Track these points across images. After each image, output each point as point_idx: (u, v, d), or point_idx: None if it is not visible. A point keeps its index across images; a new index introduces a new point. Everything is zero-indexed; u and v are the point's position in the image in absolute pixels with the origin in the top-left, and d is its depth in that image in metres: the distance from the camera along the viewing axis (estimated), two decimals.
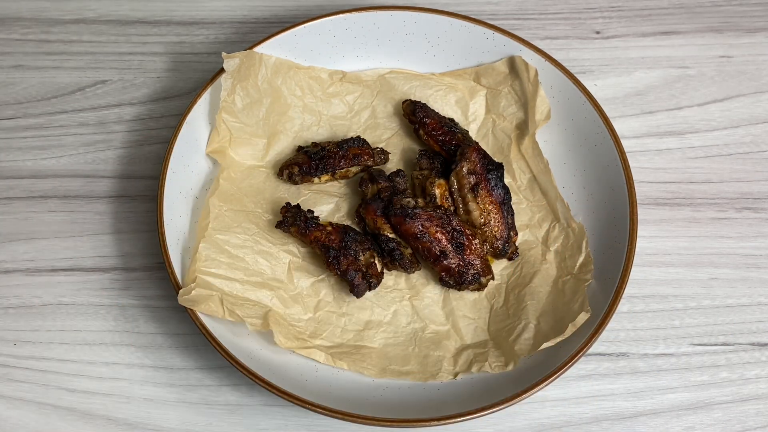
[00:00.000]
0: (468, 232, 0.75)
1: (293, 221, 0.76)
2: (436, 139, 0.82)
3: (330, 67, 0.86)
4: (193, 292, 0.70)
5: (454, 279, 0.75)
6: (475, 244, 0.75)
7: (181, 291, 0.70)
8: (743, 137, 0.89)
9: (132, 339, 0.76)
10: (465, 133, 0.83)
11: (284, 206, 0.78)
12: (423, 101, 0.86)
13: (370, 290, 0.75)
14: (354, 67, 0.87)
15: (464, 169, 0.78)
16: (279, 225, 0.77)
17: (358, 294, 0.74)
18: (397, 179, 0.80)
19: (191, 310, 0.70)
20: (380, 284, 0.76)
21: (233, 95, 0.80)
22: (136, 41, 0.94)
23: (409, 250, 0.76)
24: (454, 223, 0.75)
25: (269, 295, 0.74)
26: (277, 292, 0.75)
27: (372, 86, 0.86)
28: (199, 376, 0.74)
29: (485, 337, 0.75)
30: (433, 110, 0.84)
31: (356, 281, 0.74)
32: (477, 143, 0.82)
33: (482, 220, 0.77)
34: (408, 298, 0.77)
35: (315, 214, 0.79)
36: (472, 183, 0.78)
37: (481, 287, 0.75)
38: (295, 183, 0.81)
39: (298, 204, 0.78)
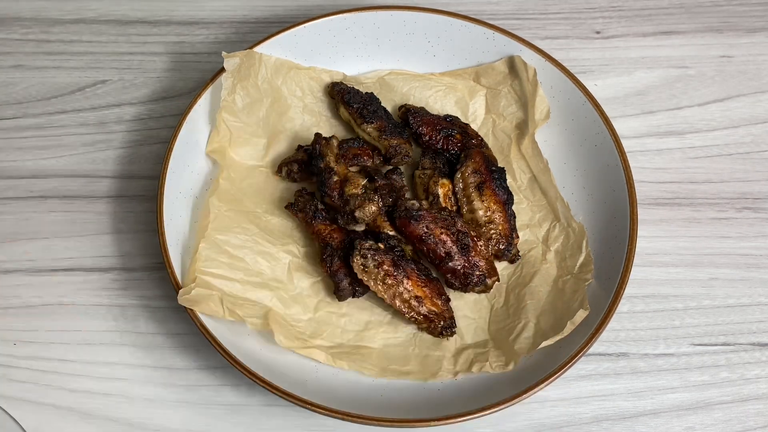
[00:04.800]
0: (473, 233, 0.75)
1: (302, 207, 0.77)
2: (435, 148, 0.82)
3: (330, 67, 0.86)
4: (192, 291, 0.70)
5: (459, 281, 0.75)
6: (480, 246, 0.75)
7: (180, 291, 0.70)
8: (743, 137, 0.89)
9: (132, 339, 0.76)
10: (465, 128, 0.83)
11: (299, 190, 0.78)
12: (422, 102, 0.86)
13: (354, 297, 0.75)
14: (354, 66, 0.87)
15: (469, 169, 0.78)
16: (288, 206, 0.78)
17: (341, 297, 0.74)
18: (394, 177, 0.80)
19: (191, 310, 0.70)
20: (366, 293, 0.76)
21: (233, 95, 0.80)
22: (136, 41, 0.94)
23: (410, 247, 0.76)
24: (459, 225, 0.75)
25: (269, 295, 0.74)
26: (276, 292, 0.75)
27: (371, 88, 0.86)
28: (199, 376, 0.74)
29: (485, 336, 0.75)
30: (428, 115, 0.83)
31: (342, 285, 0.74)
32: (479, 138, 0.82)
33: (486, 219, 0.77)
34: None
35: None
36: (477, 182, 0.78)
37: (486, 289, 0.75)
38: (294, 180, 0.81)
39: (313, 193, 0.78)
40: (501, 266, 0.78)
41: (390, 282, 0.73)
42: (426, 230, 0.75)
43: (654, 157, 0.87)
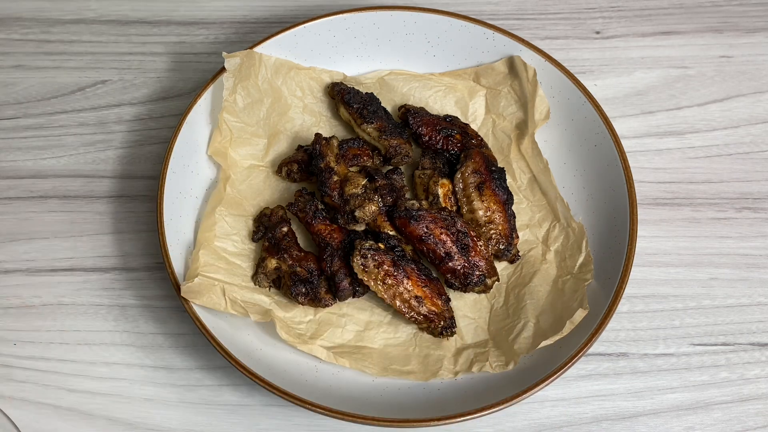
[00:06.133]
0: (473, 233, 0.75)
1: (302, 207, 0.77)
2: (435, 148, 0.82)
3: (330, 68, 0.86)
4: (195, 279, 0.70)
5: (459, 281, 0.75)
6: (480, 246, 0.75)
7: (183, 283, 0.70)
8: (743, 137, 0.89)
9: (132, 339, 0.76)
10: (465, 128, 0.83)
11: (299, 190, 0.78)
12: (422, 102, 0.86)
13: (354, 297, 0.75)
14: (354, 67, 0.87)
15: (469, 169, 0.78)
16: (289, 206, 0.78)
17: (341, 297, 0.74)
18: (395, 176, 0.80)
19: (191, 310, 0.70)
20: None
21: (234, 95, 0.80)
22: (136, 41, 0.94)
23: (410, 248, 0.76)
24: (459, 225, 0.75)
25: (268, 300, 0.74)
26: (274, 297, 0.75)
27: (371, 88, 0.86)
28: (199, 376, 0.74)
29: (485, 336, 0.75)
30: (428, 115, 0.83)
31: (342, 285, 0.74)
32: (479, 138, 0.83)
33: (486, 219, 0.77)
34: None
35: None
36: (477, 182, 0.78)
37: (486, 289, 0.75)
38: (294, 180, 0.81)
39: (313, 192, 0.78)
40: (501, 266, 0.78)
41: (390, 282, 0.73)
42: (426, 230, 0.75)
43: (654, 157, 0.87)
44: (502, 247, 0.77)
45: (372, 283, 0.72)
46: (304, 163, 0.80)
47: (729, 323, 0.78)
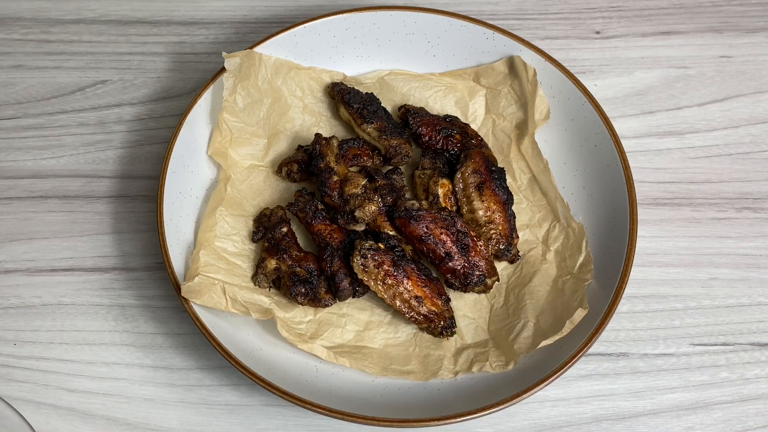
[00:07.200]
0: (473, 233, 0.75)
1: (302, 207, 0.77)
2: (435, 148, 0.82)
3: (330, 68, 0.86)
4: (195, 279, 0.70)
5: (459, 281, 0.75)
6: (480, 246, 0.75)
7: (183, 283, 0.70)
8: (743, 137, 0.89)
9: (132, 339, 0.76)
10: (465, 128, 0.83)
11: (299, 190, 0.78)
12: (422, 102, 0.86)
13: (354, 297, 0.75)
14: (354, 67, 0.87)
15: (469, 169, 0.78)
16: (289, 206, 0.78)
17: (341, 297, 0.74)
18: (395, 176, 0.80)
19: (191, 310, 0.70)
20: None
21: (234, 95, 0.80)
22: (136, 41, 0.94)
23: (410, 248, 0.76)
24: (459, 225, 0.75)
25: (267, 301, 0.74)
26: (274, 298, 0.75)
27: (371, 88, 0.86)
28: (199, 376, 0.74)
29: (485, 336, 0.75)
30: (428, 115, 0.83)
31: (342, 285, 0.74)
32: (479, 138, 0.83)
33: (486, 219, 0.77)
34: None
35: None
36: (477, 182, 0.78)
37: (486, 289, 0.75)
38: (294, 180, 0.81)
39: (313, 193, 0.78)
40: (501, 266, 0.78)
41: (390, 282, 0.73)
42: (426, 230, 0.75)
43: (654, 157, 0.87)
44: (502, 247, 0.77)
45: (372, 283, 0.73)
46: (304, 163, 0.80)
47: (729, 323, 0.78)
